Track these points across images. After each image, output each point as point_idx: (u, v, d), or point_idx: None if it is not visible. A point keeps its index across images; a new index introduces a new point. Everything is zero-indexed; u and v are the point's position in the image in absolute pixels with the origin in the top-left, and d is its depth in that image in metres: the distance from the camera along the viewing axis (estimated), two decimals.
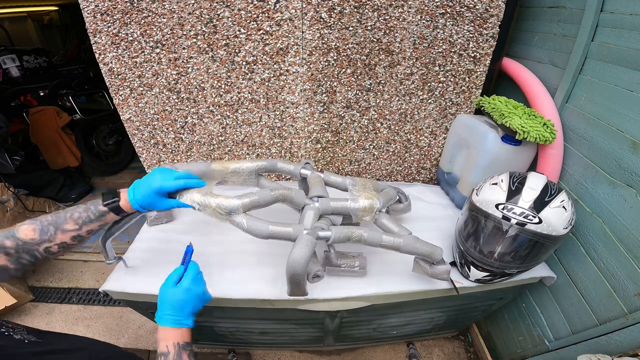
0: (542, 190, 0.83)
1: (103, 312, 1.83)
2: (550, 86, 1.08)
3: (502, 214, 0.83)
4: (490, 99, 1.14)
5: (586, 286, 0.95)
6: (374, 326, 1.27)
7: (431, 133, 1.37)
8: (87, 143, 2.93)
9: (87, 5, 1.02)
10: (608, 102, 0.88)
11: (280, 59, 1.13)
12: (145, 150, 1.35)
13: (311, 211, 0.81)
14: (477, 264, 0.91)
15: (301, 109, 1.25)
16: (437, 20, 1.09)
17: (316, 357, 1.61)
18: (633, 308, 0.80)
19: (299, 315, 1.02)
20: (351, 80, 1.19)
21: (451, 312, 1.26)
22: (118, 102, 1.22)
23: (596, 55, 0.92)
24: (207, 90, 1.20)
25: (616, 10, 0.85)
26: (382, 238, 0.78)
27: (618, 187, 0.84)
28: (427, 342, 1.67)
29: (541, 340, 1.13)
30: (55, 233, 0.64)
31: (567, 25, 1.02)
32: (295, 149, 1.36)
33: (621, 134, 0.83)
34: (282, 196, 0.81)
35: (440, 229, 1.15)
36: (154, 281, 0.92)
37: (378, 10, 1.06)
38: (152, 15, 1.04)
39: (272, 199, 0.80)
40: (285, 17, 1.06)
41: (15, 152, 2.28)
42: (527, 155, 1.08)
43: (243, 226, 0.73)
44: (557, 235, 0.80)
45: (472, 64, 1.18)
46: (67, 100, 2.72)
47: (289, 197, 0.83)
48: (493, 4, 1.06)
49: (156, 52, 1.11)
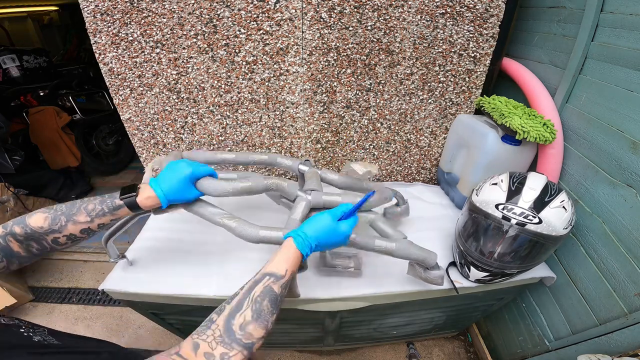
0: (542, 190, 0.83)
1: (103, 312, 1.83)
2: (550, 86, 1.08)
3: (502, 214, 0.83)
4: (490, 99, 1.14)
5: (586, 286, 0.95)
6: (374, 326, 1.27)
7: (431, 133, 1.37)
8: (87, 143, 2.93)
9: (87, 5, 1.02)
10: (608, 102, 0.88)
11: (280, 59, 1.13)
12: (145, 150, 1.35)
13: (303, 202, 0.80)
14: (477, 264, 0.91)
15: (301, 109, 1.25)
16: (437, 20, 1.09)
17: (316, 357, 1.61)
18: (633, 308, 0.80)
19: (299, 315, 1.02)
20: (351, 80, 1.19)
21: (451, 312, 1.26)
22: (118, 102, 1.22)
23: (596, 55, 0.92)
24: (207, 90, 1.19)
25: (616, 10, 0.85)
26: (375, 242, 0.77)
27: (618, 187, 0.84)
28: (427, 342, 1.67)
29: (541, 340, 1.13)
30: (65, 224, 0.63)
31: (567, 25, 1.02)
32: (295, 149, 1.36)
33: (621, 134, 0.83)
34: (274, 185, 0.81)
35: (440, 228, 1.15)
36: (153, 281, 0.93)
37: (378, 10, 1.06)
38: (152, 15, 1.04)
39: (264, 187, 0.79)
40: (285, 17, 1.05)
41: (15, 152, 2.28)
42: (527, 155, 1.08)
43: (233, 231, 0.73)
44: (557, 235, 0.80)
45: (472, 64, 1.18)
46: (67, 100, 2.72)
47: (281, 187, 0.82)
48: (493, 4, 1.06)
49: (156, 52, 1.11)
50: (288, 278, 0.57)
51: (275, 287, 0.55)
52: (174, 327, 1.22)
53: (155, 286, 0.92)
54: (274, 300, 0.54)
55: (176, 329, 1.24)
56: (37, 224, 0.61)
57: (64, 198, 2.69)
